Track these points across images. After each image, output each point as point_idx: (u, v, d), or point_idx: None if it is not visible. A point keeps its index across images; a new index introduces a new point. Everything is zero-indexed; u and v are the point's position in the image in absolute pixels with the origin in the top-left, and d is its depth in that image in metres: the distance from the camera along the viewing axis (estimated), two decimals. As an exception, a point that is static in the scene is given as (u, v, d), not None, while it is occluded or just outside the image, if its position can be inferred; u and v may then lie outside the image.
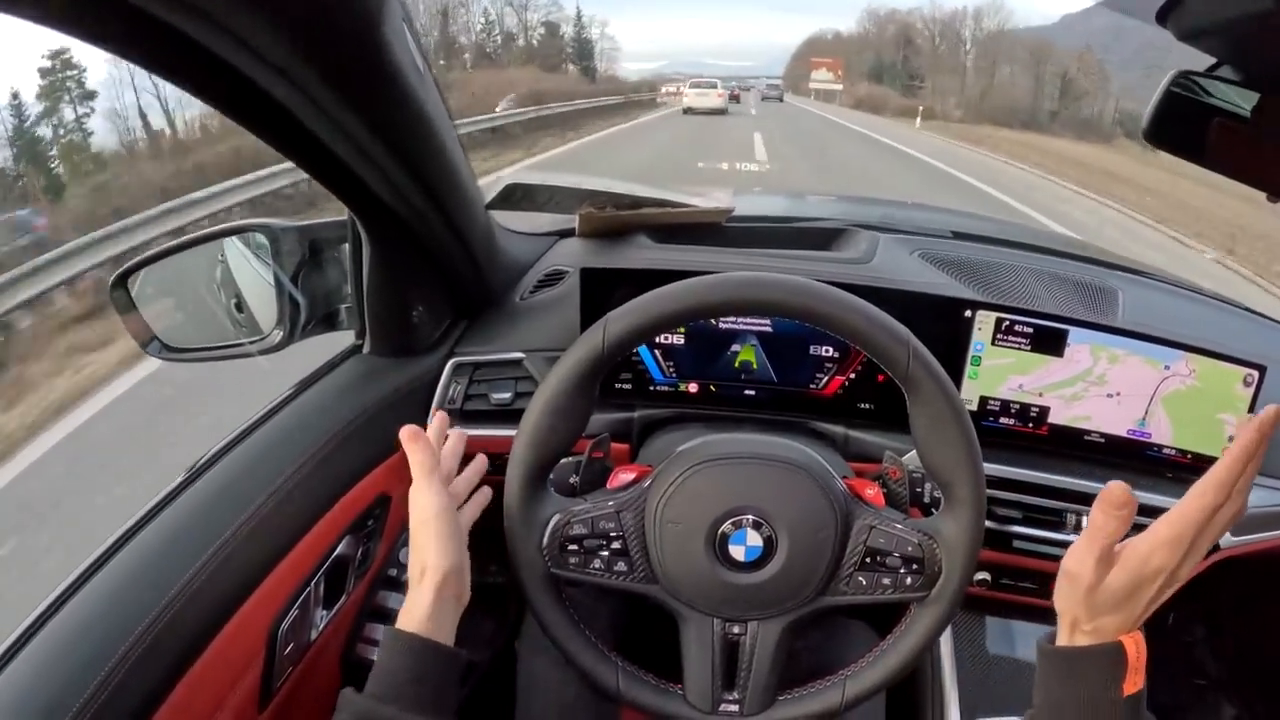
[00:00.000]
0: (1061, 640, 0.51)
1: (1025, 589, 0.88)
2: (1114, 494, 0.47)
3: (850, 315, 0.55)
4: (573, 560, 0.60)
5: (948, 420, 0.56)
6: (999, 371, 0.84)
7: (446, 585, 0.57)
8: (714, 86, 24.38)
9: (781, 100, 38.63)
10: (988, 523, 0.82)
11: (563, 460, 0.66)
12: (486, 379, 0.86)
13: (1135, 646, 0.48)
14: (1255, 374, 0.81)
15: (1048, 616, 0.92)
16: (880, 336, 0.55)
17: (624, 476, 0.65)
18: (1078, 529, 0.84)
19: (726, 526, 0.58)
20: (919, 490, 0.74)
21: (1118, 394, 0.82)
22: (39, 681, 0.52)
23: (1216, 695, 1.17)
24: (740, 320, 0.82)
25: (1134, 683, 0.47)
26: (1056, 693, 0.50)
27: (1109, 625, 0.49)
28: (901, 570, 0.58)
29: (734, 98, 31.18)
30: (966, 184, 10.44)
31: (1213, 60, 0.64)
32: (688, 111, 22.62)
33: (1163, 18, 0.57)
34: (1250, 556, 0.88)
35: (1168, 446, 0.85)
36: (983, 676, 0.94)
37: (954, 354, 0.81)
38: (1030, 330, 0.81)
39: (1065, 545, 0.82)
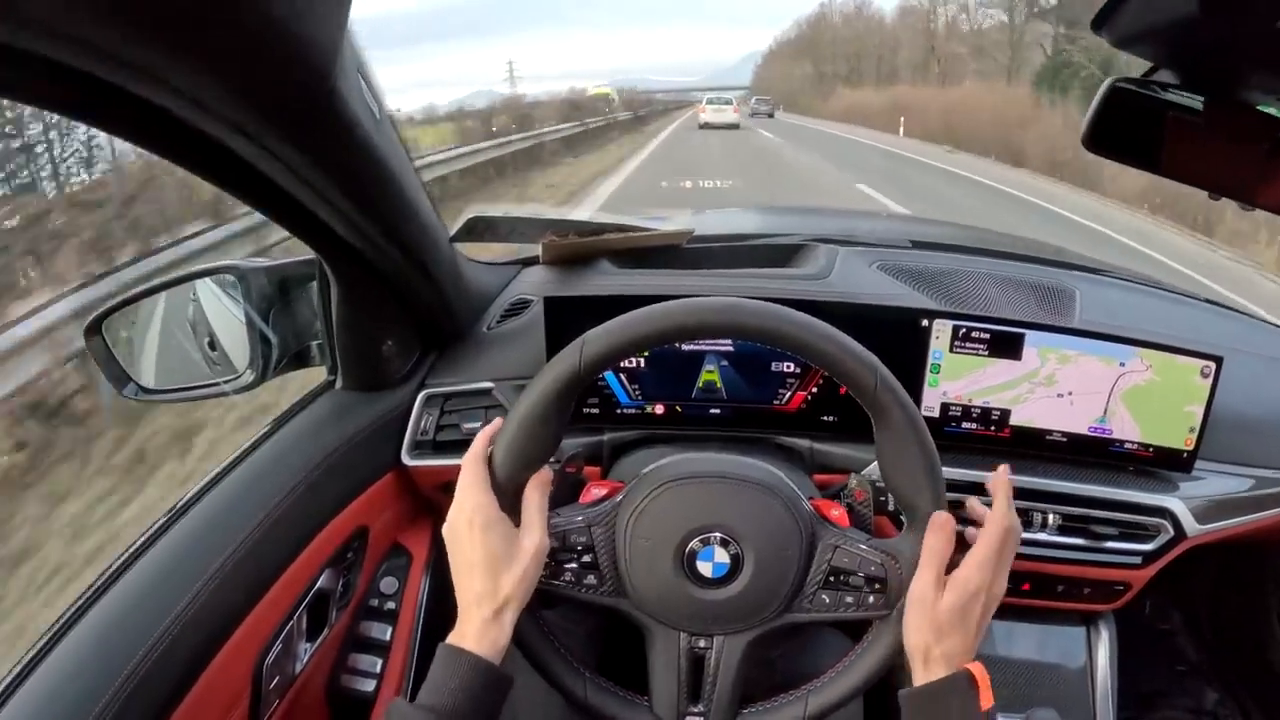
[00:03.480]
0: (918, 680, 0.57)
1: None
2: (937, 519, 0.58)
3: (820, 342, 0.57)
4: (543, 572, 0.61)
5: (912, 446, 0.58)
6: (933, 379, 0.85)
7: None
8: (729, 103, 23.73)
9: (772, 116, 32.76)
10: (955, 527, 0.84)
11: None
12: (457, 409, 0.88)
13: (980, 671, 0.55)
14: (1212, 365, 0.83)
15: (1027, 615, 0.94)
16: (849, 363, 0.57)
17: (596, 492, 0.66)
18: (1045, 526, 0.85)
19: (695, 544, 0.60)
20: (883, 499, 0.75)
21: (1069, 394, 0.84)
22: None
23: (1197, 680, 1.19)
24: (703, 341, 0.83)
25: (988, 699, 0.54)
26: None
27: (955, 648, 0.56)
28: (864, 589, 0.60)
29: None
30: None
31: (1149, 65, 0.66)
32: (704, 126, 21.84)
33: (1098, 25, 0.59)
34: (1218, 543, 0.90)
35: (1130, 441, 0.87)
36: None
37: (913, 364, 0.83)
38: (987, 336, 0.83)
39: (1035, 544, 0.85)
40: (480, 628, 0.56)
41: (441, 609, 0.91)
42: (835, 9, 48.29)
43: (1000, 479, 0.62)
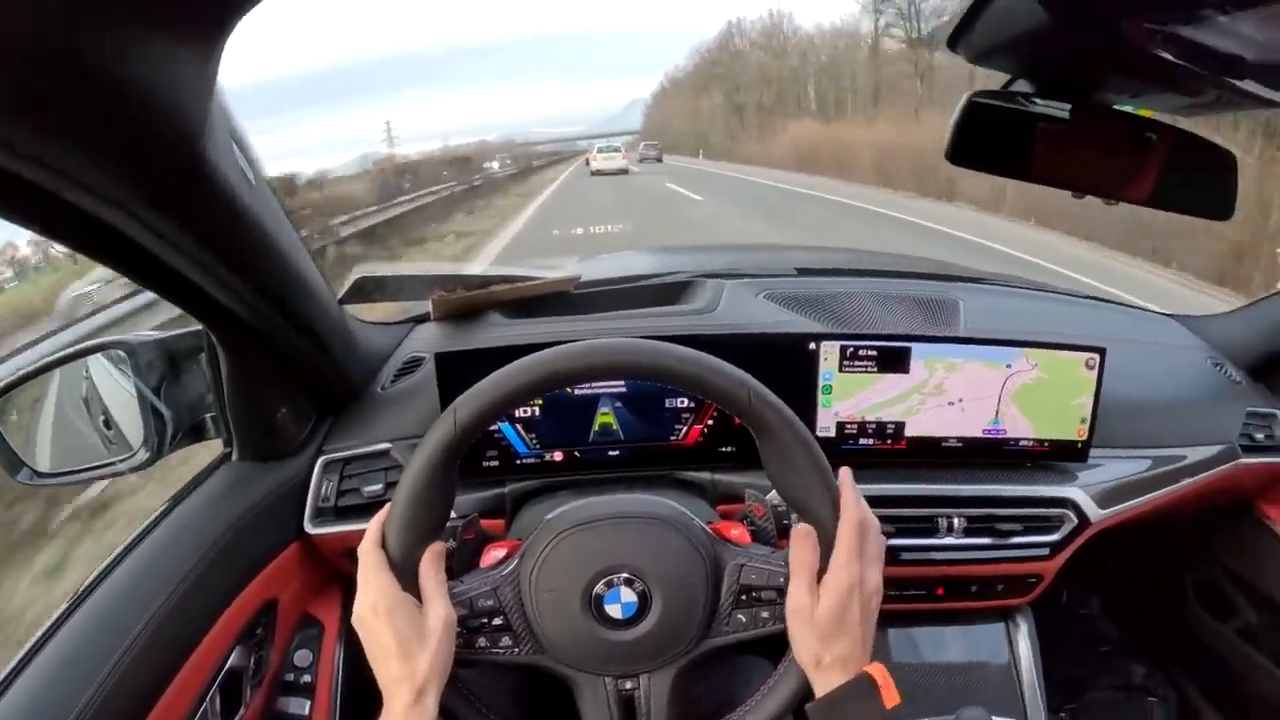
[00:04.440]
0: (819, 690, 0.57)
1: (913, 596, 0.92)
2: (799, 532, 0.59)
3: (686, 366, 0.58)
4: (457, 641, 0.60)
5: (794, 450, 0.58)
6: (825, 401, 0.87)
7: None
8: (618, 150, 24.50)
9: (660, 160, 29.34)
10: None
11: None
12: (357, 473, 0.87)
13: (879, 672, 0.55)
14: (1096, 356, 0.88)
15: (945, 618, 0.97)
16: (718, 382, 0.58)
17: (496, 554, 0.66)
18: (951, 530, 0.88)
19: (600, 587, 0.60)
20: (787, 524, 0.77)
21: (960, 400, 0.87)
22: None
23: (1123, 658, 1.23)
24: (595, 385, 0.84)
25: (892, 697, 0.54)
26: None
27: (845, 652, 0.56)
28: (777, 602, 0.60)
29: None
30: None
31: (1006, 77, 0.70)
32: (596, 174, 22.20)
33: (953, 43, 0.62)
34: (1122, 526, 0.94)
35: (1024, 439, 0.90)
36: (891, 683, 0.97)
37: (805, 387, 0.85)
38: (874, 353, 0.86)
39: (944, 549, 0.88)
40: (404, 712, 0.55)
41: (358, 677, 0.89)
42: (745, 29, 41.20)
43: (842, 477, 0.61)
